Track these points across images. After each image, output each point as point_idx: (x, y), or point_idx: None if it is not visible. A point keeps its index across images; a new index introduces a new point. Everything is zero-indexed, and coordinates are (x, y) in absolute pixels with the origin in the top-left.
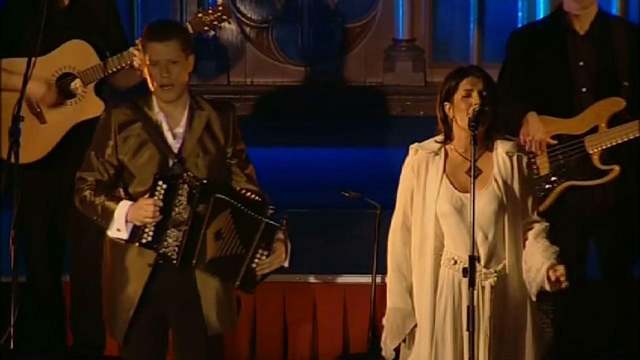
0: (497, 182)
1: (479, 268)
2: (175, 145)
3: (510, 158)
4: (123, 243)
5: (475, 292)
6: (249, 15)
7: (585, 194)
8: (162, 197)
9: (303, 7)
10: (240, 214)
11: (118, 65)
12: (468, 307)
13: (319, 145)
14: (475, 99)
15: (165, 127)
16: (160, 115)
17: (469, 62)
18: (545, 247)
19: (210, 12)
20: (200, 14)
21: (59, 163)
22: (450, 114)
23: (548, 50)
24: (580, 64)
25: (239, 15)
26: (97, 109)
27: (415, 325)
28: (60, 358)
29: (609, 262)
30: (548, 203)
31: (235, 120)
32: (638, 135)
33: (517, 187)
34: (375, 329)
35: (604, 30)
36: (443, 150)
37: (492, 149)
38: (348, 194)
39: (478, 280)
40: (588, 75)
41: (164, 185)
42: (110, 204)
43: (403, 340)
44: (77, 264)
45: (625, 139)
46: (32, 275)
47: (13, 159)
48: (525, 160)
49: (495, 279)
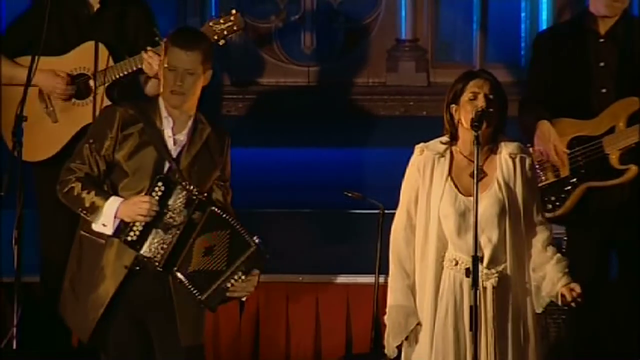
0: (499, 184)
1: (481, 269)
2: (175, 152)
3: (513, 159)
4: (101, 242)
5: (478, 292)
6: (251, 15)
7: (604, 196)
8: (157, 197)
9: (306, 7)
10: (236, 235)
11: (128, 69)
12: (471, 307)
13: (322, 146)
14: (481, 101)
15: (168, 132)
16: (165, 121)
17: (472, 62)
18: (557, 259)
19: (222, 21)
20: (212, 23)
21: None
22: (457, 116)
23: (569, 51)
24: (601, 65)
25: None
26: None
27: (418, 323)
28: (64, 358)
29: (627, 264)
30: (569, 205)
31: (229, 146)
32: None
33: (519, 188)
34: (378, 329)
35: (626, 32)
36: (449, 152)
37: (496, 152)
38: (351, 194)
39: (480, 281)
40: (608, 76)
41: (162, 187)
42: (99, 199)
43: (405, 338)
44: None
45: None
46: (48, 272)
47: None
48: (529, 162)
49: (497, 280)
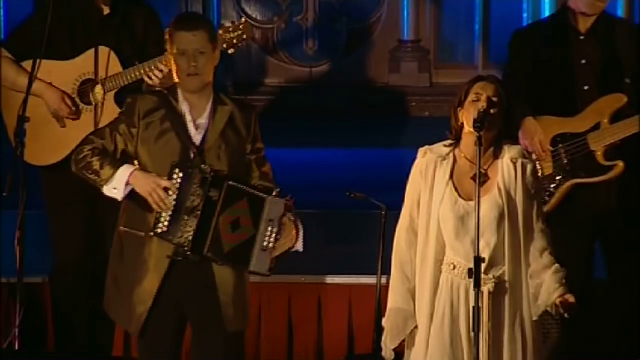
0: (499, 189)
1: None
2: (197, 137)
3: (514, 164)
4: (140, 235)
5: (473, 292)
6: (254, 16)
7: (590, 193)
8: (177, 185)
9: (308, 7)
10: (254, 198)
11: (137, 76)
12: (473, 307)
13: (324, 146)
14: (483, 103)
15: (189, 117)
16: (184, 106)
17: (474, 63)
18: (555, 269)
19: (231, 29)
20: (221, 31)
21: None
22: (461, 119)
23: (550, 49)
24: (583, 62)
25: (243, 16)
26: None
27: (416, 327)
28: (66, 358)
29: (615, 262)
30: (554, 202)
31: (256, 119)
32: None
33: (519, 193)
34: (380, 330)
35: (607, 29)
36: (451, 156)
37: (499, 156)
38: (353, 195)
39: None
40: (590, 73)
41: (180, 174)
42: (112, 164)
43: (404, 341)
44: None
45: (628, 134)
46: (60, 274)
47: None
48: (530, 167)
49: (494, 285)
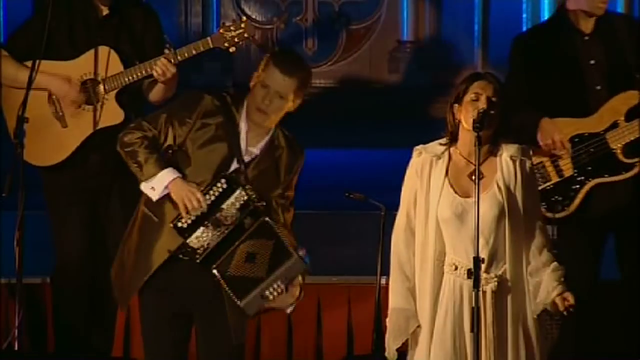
0: (499, 186)
1: (480, 272)
2: (246, 159)
3: (514, 162)
4: (155, 220)
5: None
6: (253, 16)
7: (606, 192)
8: (217, 193)
9: (307, 8)
10: (280, 245)
11: (138, 74)
12: (472, 308)
13: (324, 147)
14: (482, 103)
15: (243, 136)
16: (243, 124)
17: (474, 63)
18: (554, 267)
19: (232, 28)
20: (222, 30)
21: (79, 167)
22: (458, 116)
23: (556, 52)
24: (591, 63)
25: (243, 16)
26: (116, 117)
27: (419, 326)
28: (66, 358)
29: (628, 261)
30: (577, 203)
31: (300, 169)
32: None
33: (519, 191)
34: (380, 330)
35: (609, 28)
36: (447, 154)
37: (497, 154)
38: (353, 195)
39: (480, 282)
40: (600, 73)
41: (225, 186)
42: (159, 163)
43: (406, 341)
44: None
45: None
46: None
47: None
48: (529, 165)
49: (496, 284)
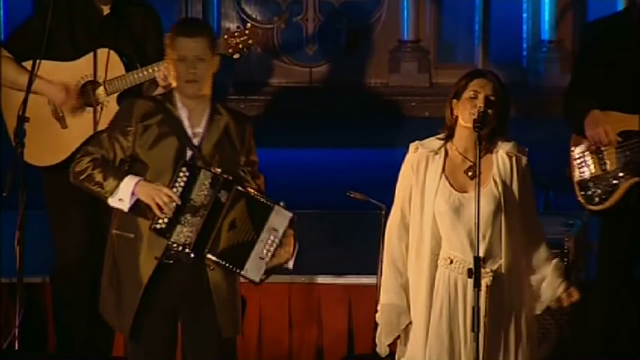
0: (495, 182)
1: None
2: (195, 142)
3: (510, 158)
4: (130, 237)
5: (472, 291)
6: (254, 16)
7: None
8: (182, 183)
9: (308, 7)
10: (254, 202)
11: (141, 79)
12: (473, 307)
13: (324, 146)
14: (480, 102)
15: (187, 123)
16: (182, 111)
17: (474, 63)
18: (555, 264)
19: (237, 34)
20: (226, 36)
21: None
22: (456, 112)
23: (619, 45)
24: None
25: (244, 16)
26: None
27: (410, 322)
28: (66, 358)
29: None
30: (615, 198)
31: (252, 132)
32: None
33: (515, 187)
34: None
35: None
36: (443, 150)
37: (493, 151)
38: (353, 195)
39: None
40: None
41: (187, 173)
42: (115, 177)
43: (398, 337)
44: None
45: None
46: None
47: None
48: (524, 161)
49: (492, 279)
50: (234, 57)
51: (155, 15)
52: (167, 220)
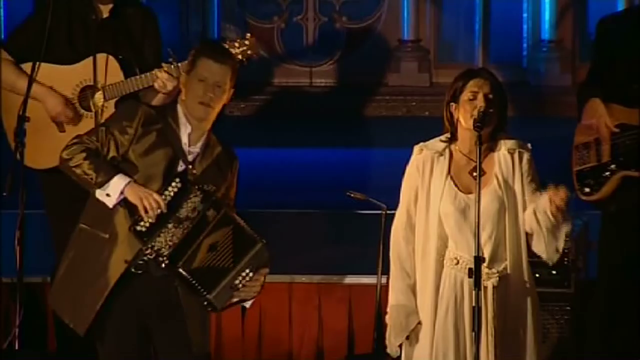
0: (498, 180)
1: (482, 268)
2: (189, 158)
3: (512, 155)
4: (104, 237)
5: (479, 293)
6: (254, 16)
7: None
8: (172, 193)
9: (308, 7)
10: (241, 231)
11: (140, 85)
12: (473, 307)
13: (324, 146)
14: (481, 102)
15: (185, 139)
16: (183, 127)
17: (474, 62)
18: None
19: (237, 44)
20: (227, 46)
21: None
22: (456, 115)
23: (625, 40)
24: None
25: (244, 15)
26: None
27: (419, 323)
28: (66, 358)
29: None
30: (605, 190)
31: (237, 171)
32: None
33: (518, 183)
34: (381, 330)
35: None
36: (448, 151)
37: (495, 149)
38: (354, 195)
39: (481, 281)
40: None
41: (179, 184)
42: (107, 172)
43: (407, 338)
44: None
45: None
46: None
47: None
48: (527, 157)
49: (498, 280)
50: None
51: (154, 18)
52: (148, 225)
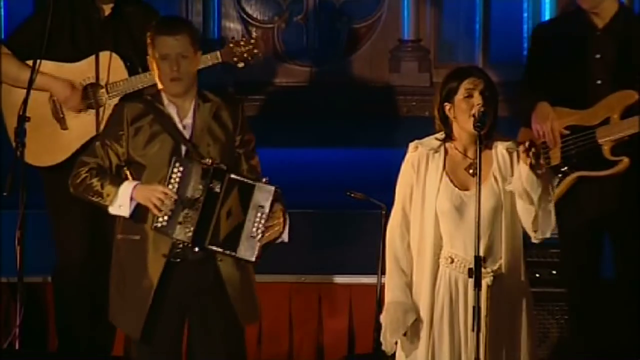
0: (495, 178)
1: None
2: (187, 135)
3: (510, 154)
4: (136, 239)
5: (473, 291)
6: (254, 15)
7: (597, 189)
8: (177, 178)
9: (309, 7)
10: (243, 185)
11: (142, 84)
12: (473, 307)
13: (325, 146)
14: (477, 100)
15: (176, 118)
16: (171, 108)
17: (475, 62)
18: None
19: (242, 43)
20: (232, 44)
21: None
22: (451, 115)
23: (566, 43)
24: (597, 57)
25: (244, 15)
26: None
27: (416, 319)
28: (67, 358)
29: (622, 261)
30: (558, 192)
31: (244, 112)
32: None
33: None
34: (381, 329)
35: (625, 25)
36: (443, 148)
37: (491, 147)
38: (353, 195)
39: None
40: (604, 68)
41: (180, 167)
42: (113, 184)
43: (404, 334)
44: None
45: (636, 131)
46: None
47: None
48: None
49: (492, 278)
50: (239, 65)
51: (156, 16)
52: (166, 218)
